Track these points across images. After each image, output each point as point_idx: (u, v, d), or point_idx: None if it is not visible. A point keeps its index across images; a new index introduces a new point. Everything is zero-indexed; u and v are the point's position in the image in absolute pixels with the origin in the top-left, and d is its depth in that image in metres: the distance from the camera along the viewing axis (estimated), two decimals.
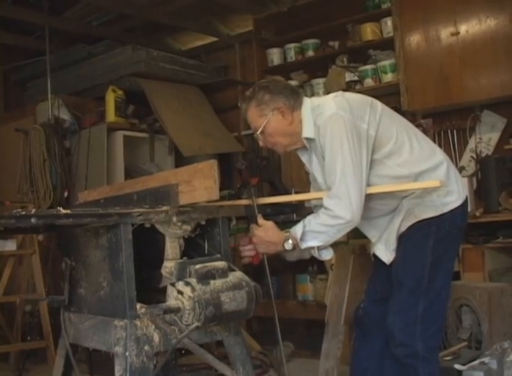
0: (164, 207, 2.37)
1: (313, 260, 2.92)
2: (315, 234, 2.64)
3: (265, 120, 2.74)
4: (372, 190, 2.65)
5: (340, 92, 2.80)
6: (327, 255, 2.78)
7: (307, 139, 2.74)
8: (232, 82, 6.68)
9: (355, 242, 3.79)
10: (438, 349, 2.83)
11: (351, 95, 2.81)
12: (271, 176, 5.56)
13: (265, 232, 2.68)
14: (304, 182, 3.62)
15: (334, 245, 2.81)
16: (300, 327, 5.73)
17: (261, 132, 2.78)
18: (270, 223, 2.69)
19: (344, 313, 3.75)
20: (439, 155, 2.78)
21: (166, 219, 2.38)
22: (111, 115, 5.79)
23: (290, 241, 2.66)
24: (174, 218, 2.39)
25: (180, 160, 5.86)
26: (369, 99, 2.78)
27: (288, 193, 4.23)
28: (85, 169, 5.65)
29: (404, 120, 2.87)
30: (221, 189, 2.32)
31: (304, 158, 2.88)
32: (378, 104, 2.75)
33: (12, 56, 6.78)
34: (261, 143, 2.86)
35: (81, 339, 2.52)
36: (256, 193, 2.77)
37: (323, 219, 2.62)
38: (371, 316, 2.95)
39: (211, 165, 2.32)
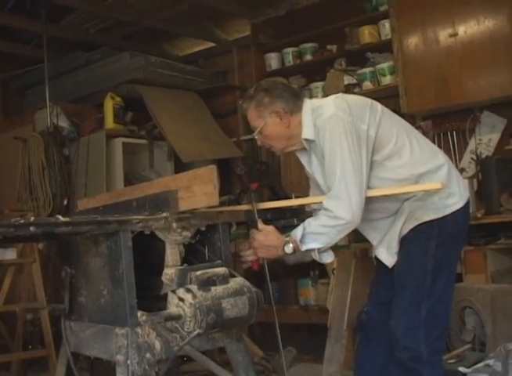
0: (164, 214, 2.36)
1: (314, 264, 2.90)
2: (316, 236, 2.62)
3: (263, 122, 2.75)
4: (373, 193, 2.64)
5: (340, 94, 2.81)
6: (328, 258, 2.75)
7: (306, 140, 2.74)
8: (231, 87, 6.67)
9: (356, 246, 3.77)
10: (441, 352, 2.81)
11: (351, 97, 2.82)
12: (270, 181, 5.54)
13: (266, 236, 2.66)
14: (304, 186, 3.61)
15: (335, 249, 2.79)
16: (302, 332, 5.71)
17: (259, 133, 2.79)
18: (270, 227, 2.68)
19: (346, 317, 3.73)
20: (440, 157, 2.77)
21: (166, 226, 2.36)
22: (110, 122, 5.78)
23: (291, 244, 2.63)
24: (174, 225, 2.37)
25: (179, 166, 5.84)
26: (369, 100, 2.78)
27: (288, 197, 4.21)
28: (85, 177, 5.64)
29: (404, 122, 2.86)
30: (220, 195, 2.31)
31: (303, 160, 2.88)
32: (378, 106, 2.75)
33: (10, 64, 6.77)
34: (259, 143, 2.88)
35: (83, 348, 2.50)
36: (256, 198, 2.75)
37: (323, 220, 2.60)
38: (374, 320, 2.93)
39: (211, 171, 2.31)
